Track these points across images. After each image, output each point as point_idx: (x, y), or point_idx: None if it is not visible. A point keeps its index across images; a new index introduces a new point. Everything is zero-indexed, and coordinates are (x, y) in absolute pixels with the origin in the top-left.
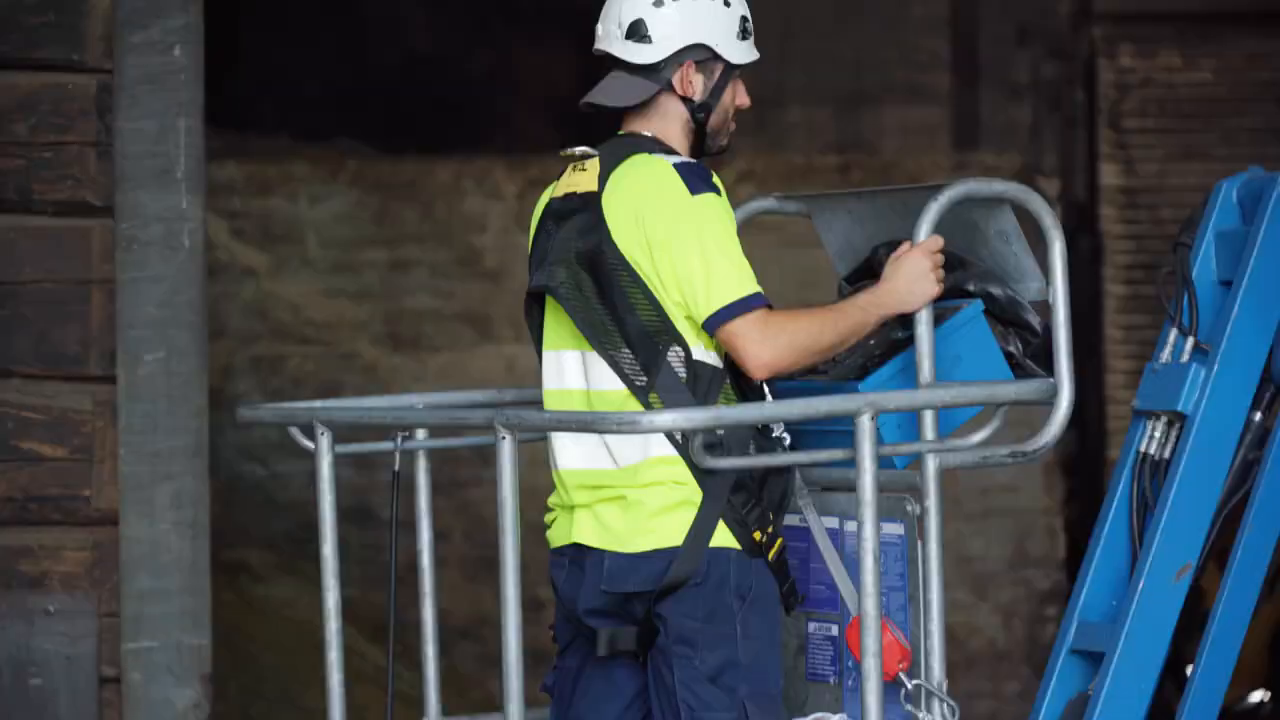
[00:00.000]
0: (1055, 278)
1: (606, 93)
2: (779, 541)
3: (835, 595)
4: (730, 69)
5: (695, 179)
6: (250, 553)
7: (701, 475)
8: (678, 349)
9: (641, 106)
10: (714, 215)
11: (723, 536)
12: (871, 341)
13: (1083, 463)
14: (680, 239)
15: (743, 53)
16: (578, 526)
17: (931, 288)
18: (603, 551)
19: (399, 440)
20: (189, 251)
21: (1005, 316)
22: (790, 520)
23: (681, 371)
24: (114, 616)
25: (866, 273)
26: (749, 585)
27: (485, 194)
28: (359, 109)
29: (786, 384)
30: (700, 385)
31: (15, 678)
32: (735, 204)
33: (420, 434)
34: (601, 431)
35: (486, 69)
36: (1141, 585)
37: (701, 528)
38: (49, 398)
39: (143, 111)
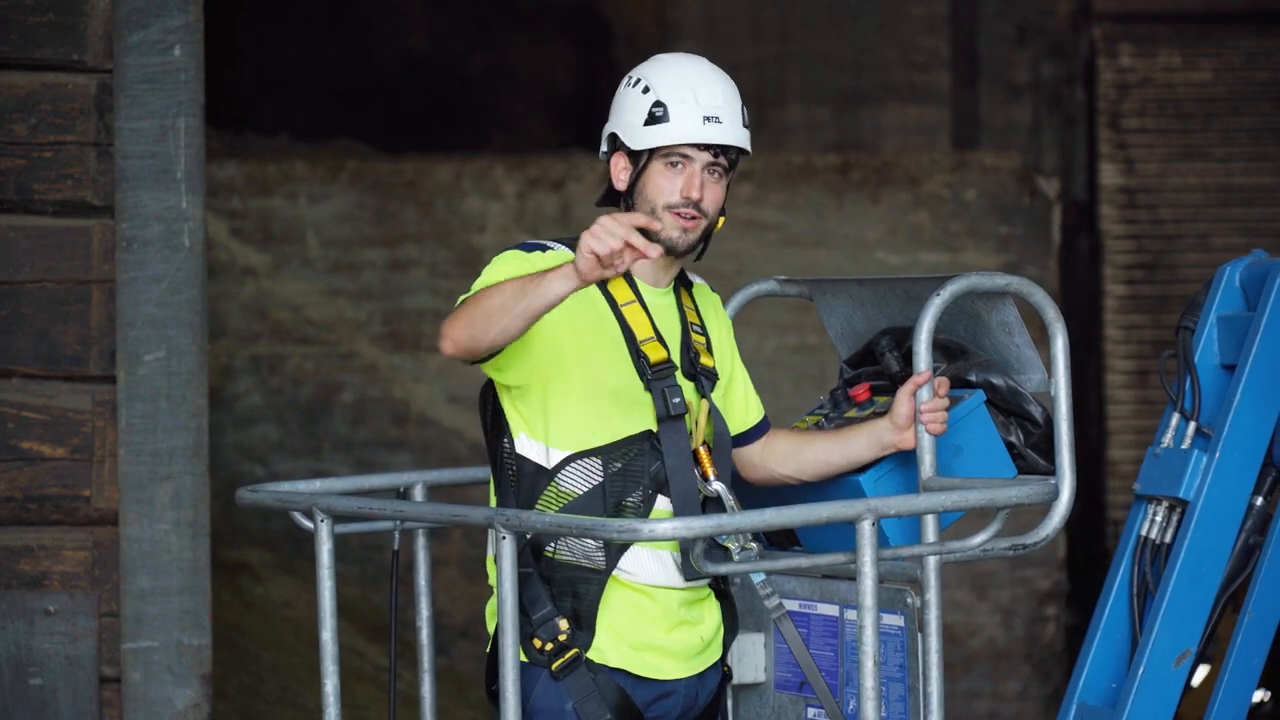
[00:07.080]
0: (1058, 370)
1: None
2: (570, 653)
3: (834, 682)
4: (651, 158)
5: (519, 245)
6: (250, 553)
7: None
8: (507, 440)
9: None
10: (495, 258)
11: None
12: None
13: (1083, 462)
14: None
15: (643, 138)
16: None
17: (592, 242)
18: None
19: (399, 524)
20: (189, 251)
21: (1007, 406)
22: (789, 605)
23: (511, 466)
24: (114, 616)
25: (868, 357)
26: (525, 696)
27: (485, 194)
28: (359, 109)
29: None
30: (524, 485)
31: (15, 678)
32: (735, 203)
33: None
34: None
35: (486, 69)
36: (1142, 670)
37: (494, 634)
38: (49, 397)
39: (142, 111)
